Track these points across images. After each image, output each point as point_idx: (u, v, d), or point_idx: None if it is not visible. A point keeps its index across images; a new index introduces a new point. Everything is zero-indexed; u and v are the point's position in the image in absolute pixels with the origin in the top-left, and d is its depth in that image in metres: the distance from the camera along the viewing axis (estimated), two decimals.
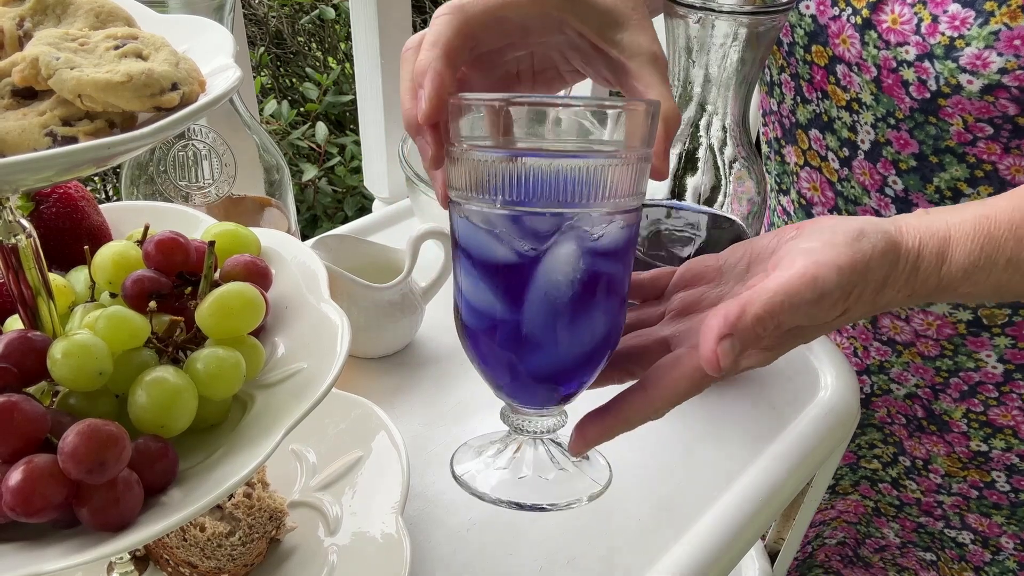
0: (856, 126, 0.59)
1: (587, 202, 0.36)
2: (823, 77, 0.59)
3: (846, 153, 0.61)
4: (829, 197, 0.65)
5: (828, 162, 0.63)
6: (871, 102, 0.56)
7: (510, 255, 0.37)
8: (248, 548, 0.45)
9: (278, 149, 0.62)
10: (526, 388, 0.41)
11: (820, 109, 0.61)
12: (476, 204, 0.37)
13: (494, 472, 0.44)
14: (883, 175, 0.59)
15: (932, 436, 0.70)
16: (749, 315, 0.35)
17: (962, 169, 0.55)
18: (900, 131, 0.56)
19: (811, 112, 0.62)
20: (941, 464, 0.72)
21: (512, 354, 0.40)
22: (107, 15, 0.33)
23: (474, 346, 0.41)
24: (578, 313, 0.38)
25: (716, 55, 0.51)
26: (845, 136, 0.60)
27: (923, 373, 0.68)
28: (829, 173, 0.64)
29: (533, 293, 0.37)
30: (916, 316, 0.65)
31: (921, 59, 0.52)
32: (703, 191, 0.56)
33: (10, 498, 0.29)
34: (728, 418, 0.60)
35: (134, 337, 0.35)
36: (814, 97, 0.61)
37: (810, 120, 0.63)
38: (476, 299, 0.39)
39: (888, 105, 0.55)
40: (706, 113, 0.54)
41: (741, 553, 0.53)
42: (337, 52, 2.01)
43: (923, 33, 0.51)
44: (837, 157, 0.62)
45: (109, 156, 0.27)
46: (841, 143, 0.61)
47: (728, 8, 0.48)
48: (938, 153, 0.55)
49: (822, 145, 0.63)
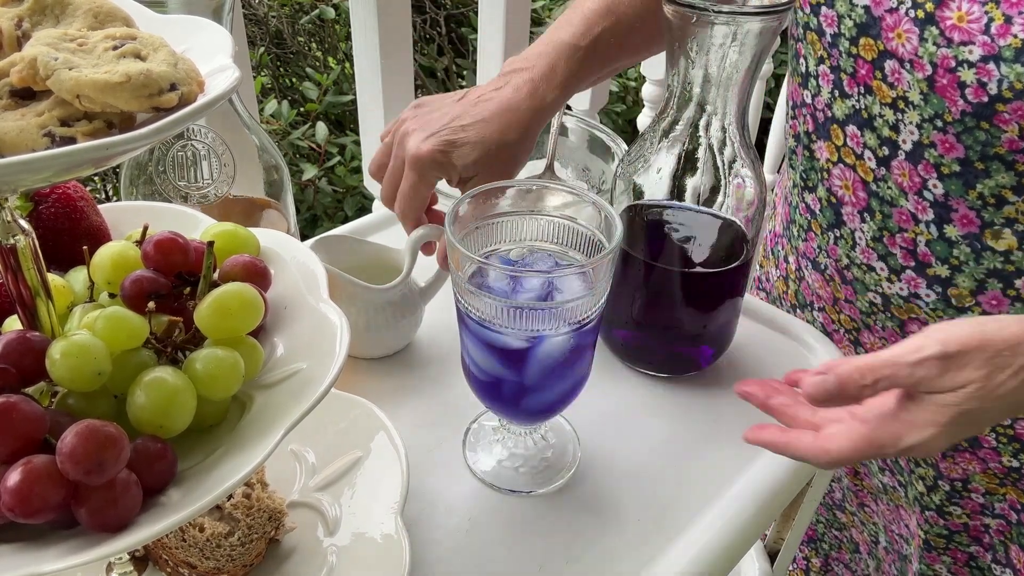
0: (899, 125, 0.57)
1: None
2: (868, 72, 0.57)
3: (885, 152, 0.59)
4: (861, 197, 0.63)
5: (864, 160, 0.61)
6: (919, 101, 0.54)
7: (515, 343, 0.47)
8: (247, 548, 0.45)
9: (277, 149, 0.62)
10: (522, 418, 0.53)
11: (861, 105, 0.59)
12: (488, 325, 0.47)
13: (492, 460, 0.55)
14: (923, 178, 0.57)
15: (965, 453, 0.68)
16: (849, 363, 0.42)
17: (1009, 176, 0.53)
18: (947, 134, 0.54)
19: (850, 107, 0.60)
20: (980, 482, 0.70)
21: (514, 400, 0.50)
22: (105, 15, 0.33)
23: (481, 391, 0.51)
24: (566, 368, 0.49)
25: (716, 55, 0.51)
26: (886, 135, 0.58)
27: None
28: (864, 172, 0.61)
29: (532, 364, 0.47)
30: None
31: (986, 60, 0.50)
32: (702, 191, 0.56)
33: (9, 499, 0.29)
34: (728, 418, 0.60)
35: (133, 337, 0.35)
36: (855, 92, 0.59)
37: (848, 115, 0.60)
38: (484, 364, 0.49)
39: (937, 106, 0.53)
40: (705, 113, 0.54)
41: (741, 553, 0.53)
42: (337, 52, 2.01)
43: (992, 33, 0.49)
44: (875, 156, 0.59)
45: (107, 157, 0.27)
46: (881, 141, 0.58)
47: (728, 8, 0.48)
48: (985, 160, 0.53)
49: (859, 142, 0.60)
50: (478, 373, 0.50)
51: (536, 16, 2.01)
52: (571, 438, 0.57)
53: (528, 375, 0.48)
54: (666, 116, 0.55)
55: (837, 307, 0.71)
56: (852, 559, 0.91)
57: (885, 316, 0.66)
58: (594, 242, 0.49)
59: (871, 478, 0.81)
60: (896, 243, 0.61)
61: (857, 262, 0.65)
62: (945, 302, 0.60)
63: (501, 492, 0.53)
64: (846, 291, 0.68)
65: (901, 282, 0.62)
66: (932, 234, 0.58)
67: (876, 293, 0.65)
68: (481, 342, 0.48)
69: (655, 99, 1.35)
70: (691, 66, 0.52)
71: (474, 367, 0.50)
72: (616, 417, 0.60)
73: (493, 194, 0.49)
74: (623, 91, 2.20)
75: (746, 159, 0.55)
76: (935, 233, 0.58)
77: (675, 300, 0.59)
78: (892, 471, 0.77)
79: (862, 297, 0.67)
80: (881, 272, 0.63)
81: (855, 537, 0.89)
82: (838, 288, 0.69)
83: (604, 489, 0.54)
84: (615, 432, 0.58)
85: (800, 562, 0.97)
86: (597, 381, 0.61)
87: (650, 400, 0.61)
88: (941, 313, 0.61)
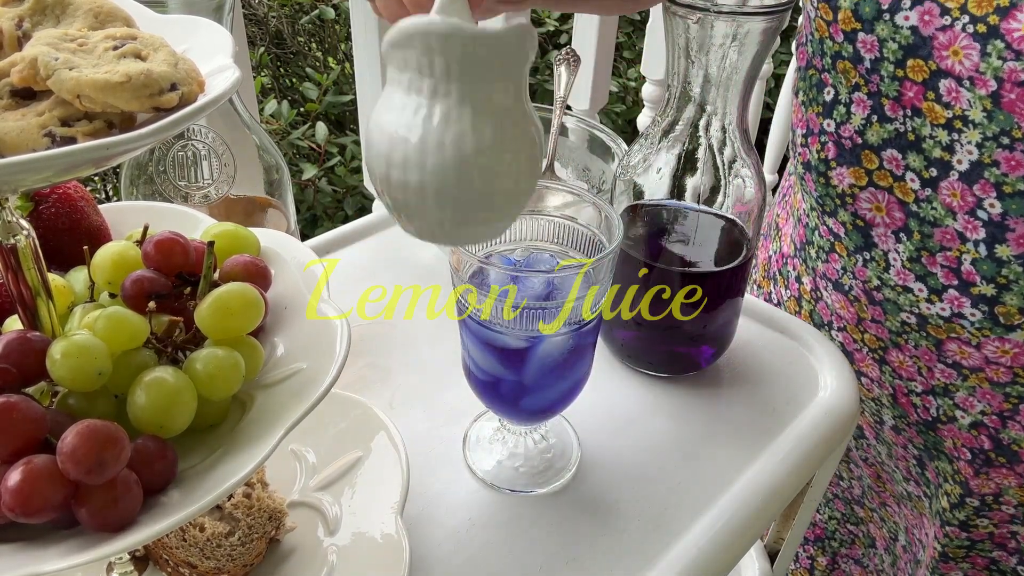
0: (954, 145, 0.55)
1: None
2: (918, 93, 0.55)
3: (933, 173, 0.57)
4: (897, 218, 0.61)
5: (904, 182, 0.59)
6: (981, 119, 0.53)
7: (515, 343, 0.47)
8: (247, 548, 0.45)
9: (278, 149, 0.62)
10: (522, 418, 0.53)
11: (905, 128, 0.57)
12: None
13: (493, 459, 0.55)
14: (978, 197, 0.55)
15: (1001, 469, 0.67)
16: None
17: None
18: (1014, 151, 0.52)
19: (890, 131, 0.58)
20: (1013, 495, 0.68)
21: (513, 399, 0.50)
22: (106, 15, 0.33)
23: (481, 390, 0.51)
24: (566, 368, 0.49)
25: (716, 55, 0.51)
26: (936, 156, 0.56)
27: (991, 399, 0.65)
28: (903, 193, 0.60)
29: (532, 364, 0.47)
30: (990, 343, 0.62)
31: None
32: (702, 191, 0.56)
33: (9, 499, 0.29)
34: (727, 418, 0.60)
35: (133, 337, 0.35)
36: (899, 115, 0.57)
37: (886, 140, 0.59)
38: (484, 363, 0.49)
39: (1005, 123, 0.52)
40: (705, 113, 0.54)
41: (741, 553, 0.53)
42: (337, 52, 2.01)
43: None
44: (919, 177, 0.58)
45: (108, 157, 0.27)
46: (929, 163, 0.57)
47: (728, 8, 0.48)
48: None
49: (899, 165, 0.59)
50: (478, 373, 0.50)
51: (536, 16, 2.01)
52: (571, 438, 0.57)
53: (528, 375, 0.48)
54: (666, 116, 0.55)
55: (861, 327, 0.70)
56: (865, 554, 0.91)
57: (920, 335, 0.65)
58: (594, 242, 0.49)
59: (895, 484, 0.80)
60: (936, 262, 0.60)
61: (890, 284, 0.64)
62: (992, 320, 0.60)
63: (501, 492, 0.53)
64: (873, 311, 0.68)
65: (943, 302, 0.61)
66: (980, 253, 0.57)
67: (911, 313, 0.64)
68: (481, 342, 0.48)
69: (655, 99, 1.35)
70: (691, 66, 0.52)
71: (474, 367, 0.50)
72: (616, 417, 0.60)
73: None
74: (623, 91, 2.20)
75: (746, 159, 0.55)
76: (984, 252, 0.57)
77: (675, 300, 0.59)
78: (917, 482, 0.76)
79: (893, 317, 0.66)
80: (919, 293, 0.62)
81: (872, 532, 0.88)
82: (863, 309, 0.68)
83: (604, 489, 0.54)
84: (615, 432, 0.58)
85: (804, 562, 0.96)
86: (597, 381, 0.61)
87: (650, 400, 0.61)
88: (988, 332, 0.61)
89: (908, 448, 0.74)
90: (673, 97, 0.54)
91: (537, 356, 0.47)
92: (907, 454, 0.75)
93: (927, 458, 0.73)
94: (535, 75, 2.02)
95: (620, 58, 2.23)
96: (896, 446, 0.75)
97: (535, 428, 0.56)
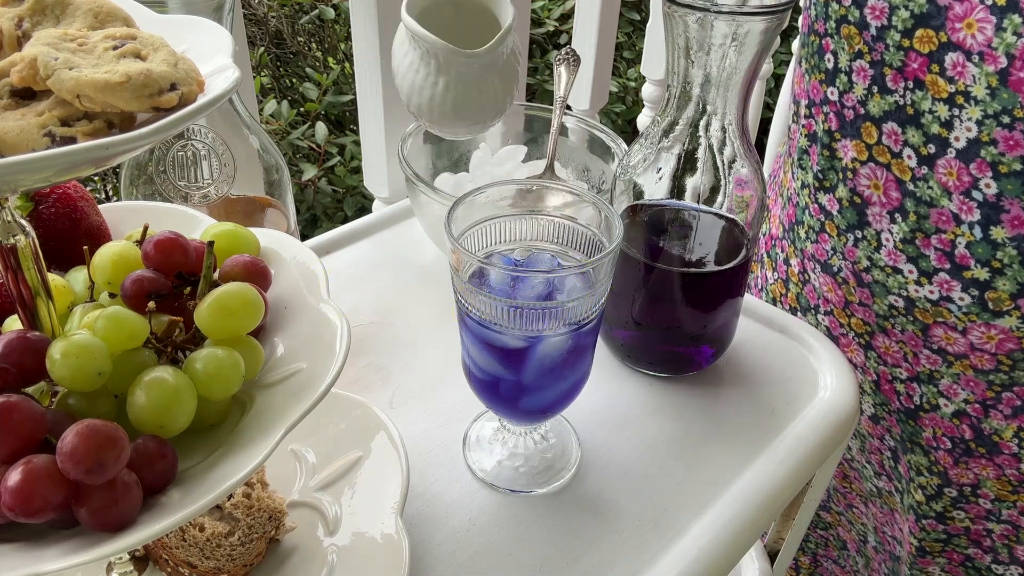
0: (953, 121, 0.54)
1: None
2: (922, 65, 0.54)
3: (931, 150, 0.56)
4: (894, 197, 0.60)
5: (902, 159, 0.58)
6: (984, 96, 0.52)
7: (515, 343, 0.47)
8: (247, 548, 0.45)
9: (277, 149, 0.62)
10: (522, 418, 0.53)
11: (906, 100, 0.56)
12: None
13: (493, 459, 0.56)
14: (975, 177, 0.55)
15: (980, 459, 0.67)
16: None
17: None
18: (1013, 131, 0.52)
19: (891, 104, 0.57)
20: (991, 488, 0.69)
21: (513, 399, 0.50)
22: (106, 15, 0.33)
23: (480, 390, 0.51)
24: (566, 368, 0.49)
25: (716, 55, 0.51)
26: (934, 132, 0.55)
27: (974, 387, 0.65)
28: (900, 171, 0.59)
29: (532, 364, 0.48)
30: (976, 328, 0.61)
31: None
32: (702, 191, 0.56)
33: (9, 498, 0.29)
34: (727, 419, 0.60)
35: (133, 337, 0.35)
36: (900, 87, 0.56)
37: (887, 112, 0.58)
38: (483, 363, 0.49)
39: (1008, 101, 0.51)
40: (706, 113, 0.54)
41: (741, 553, 0.53)
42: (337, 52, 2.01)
43: None
44: (916, 154, 0.57)
45: (107, 156, 0.27)
46: (927, 139, 0.56)
47: (728, 8, 0.48)
48: None
49: (898, 140, 0.58)
50: (478, 373, 0.50)
51: (536, 16, 2.01)
52: (571, 438, 0.57)
53: (528, 375, 0.48)
54: (666, 116, 0.55)
55: (848, 310, 0.70)
56: (840, 556, 0.91)
57: (906, 319, 0.65)
58: (594, 242, 0.49)
59: (862, 482, 0.80)
60: (931, 244, 0.59)
61: (880, 264, 0.64)
62: (981, 305, 0.59)
63: (501, 492, 0.53)
64: (861, 294, 0.67)
65: (932, 285, 0.61)
66: (975, 236, 0.57)
67: (899, 296, 0.64)
68: (481, 342, 0.48)
69: (655, 99, 1.35)
70: (691, 66, 0.52)
71: (474, 367, 0.50)
72: (616, 417, 0.60)
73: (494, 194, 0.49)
74: (623, 91, 2.20)
75: (746, 159, 0.55)
76: (979, 234, 0.57)
77: (675, 300, 0.59)
78: (889, 476, 0.76)
79: (880, 300, 0.66)
80: (909, 275, 0.62)
81: (842, 535, 0.89)
82: (851, 291, 0.68)
83: (604, 489, 0.54)
84: (615, 432, 0.58)
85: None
86: (597, 381, 0.62)
87: (650, 400, 0.61)
88: (975, 317, 0.60)
89: (884, 439, 0.74)
90: (673, 97, 0.54)
91: (537, 356, 0.47)
92: (883, 446, 0.75)
93: (901, 451, 0.73)
94: (535, 75, 2.02)
95: (620, 58, 2.22)
96: (872, 438, 0.75)
97: (535, 428, 0.56)
